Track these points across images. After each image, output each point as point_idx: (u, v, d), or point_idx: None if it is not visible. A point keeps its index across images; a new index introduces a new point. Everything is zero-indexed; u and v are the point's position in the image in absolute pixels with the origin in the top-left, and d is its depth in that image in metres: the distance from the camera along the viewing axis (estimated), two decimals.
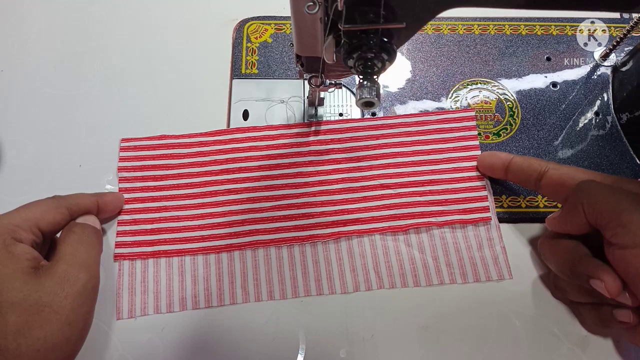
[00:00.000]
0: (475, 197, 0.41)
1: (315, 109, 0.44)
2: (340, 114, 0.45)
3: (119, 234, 0.40)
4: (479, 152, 0.42)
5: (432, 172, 0.42)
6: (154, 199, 0.41)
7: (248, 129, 0.43)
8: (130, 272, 0.38)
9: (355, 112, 0.45)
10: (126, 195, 0.41)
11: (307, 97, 0.43)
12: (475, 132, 0.43)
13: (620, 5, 0.29)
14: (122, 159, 0.42)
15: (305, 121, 0.44)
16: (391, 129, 0.43)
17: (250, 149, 0.42)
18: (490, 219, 0.40)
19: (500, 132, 0.44)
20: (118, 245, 0.39)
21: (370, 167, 0.42)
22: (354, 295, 0.38)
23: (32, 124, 0.44)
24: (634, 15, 0.45)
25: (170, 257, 0.39)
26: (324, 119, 0.44)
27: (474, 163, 0.42)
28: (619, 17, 0.49)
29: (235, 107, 0.45)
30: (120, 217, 0.40)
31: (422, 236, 0.40)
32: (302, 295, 0.38)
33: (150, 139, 0.43)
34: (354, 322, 0.38)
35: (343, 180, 0.41)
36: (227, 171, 0.42)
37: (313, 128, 0.43)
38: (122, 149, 0.43)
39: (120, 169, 0.42)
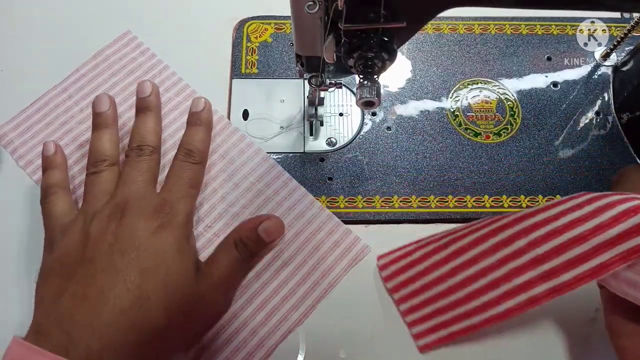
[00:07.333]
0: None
1: (315, 108, 0.44)
2: (341, 114, 0.45)
3: (410, 324, 0.37)
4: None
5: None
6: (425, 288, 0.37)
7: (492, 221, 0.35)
8: None
9: (356, 112, 0.45)
10: (403, 306, 0.37)
11: (307, 96, 0.43)
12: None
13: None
14: (386, 279, 0.38)
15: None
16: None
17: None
18: None
19: (501, 132, 0.44)
20: (419, 335, 0.37)
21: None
22: (354, 296, 0.38)
23: None
24: (635, 14, 0.45)
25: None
26: (324, 118, 0.44)
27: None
28: (620, 16, 0.49)
29: (235, 107, 0.45)
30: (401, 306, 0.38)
31: None
32: None
33: (404, 247, 0.39)
34: (354, 322, 0.38)
35: None
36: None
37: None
38: (381, 268, 0.39)
39: (390, 290, 0.38)
